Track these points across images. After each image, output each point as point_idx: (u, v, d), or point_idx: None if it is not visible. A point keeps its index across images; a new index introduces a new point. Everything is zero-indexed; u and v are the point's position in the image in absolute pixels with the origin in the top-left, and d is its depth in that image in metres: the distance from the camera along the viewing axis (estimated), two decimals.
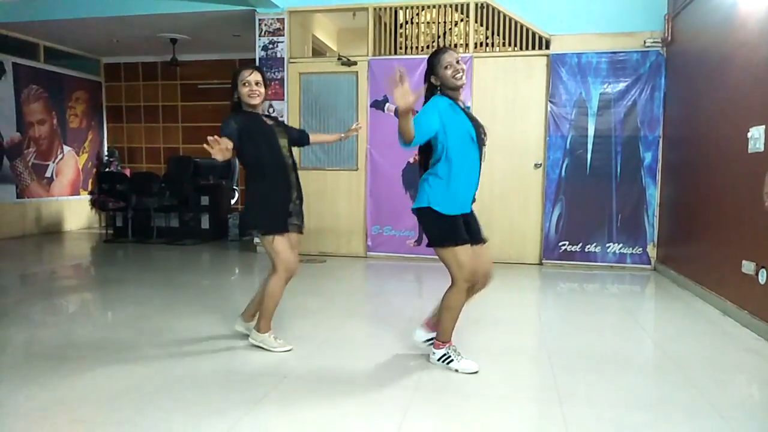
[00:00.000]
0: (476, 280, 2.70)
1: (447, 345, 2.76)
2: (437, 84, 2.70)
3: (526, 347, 3.00)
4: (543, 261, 5.89)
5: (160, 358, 2.91)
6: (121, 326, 3.56)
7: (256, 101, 2.95)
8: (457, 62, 2.66)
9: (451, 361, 2.73)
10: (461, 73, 2.66)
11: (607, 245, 5.73)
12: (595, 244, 5.76)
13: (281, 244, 2.91)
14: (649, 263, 5.66)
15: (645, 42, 5.53)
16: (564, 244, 5.83)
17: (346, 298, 4.51)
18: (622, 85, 5.61)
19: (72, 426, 2.12)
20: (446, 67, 2.64)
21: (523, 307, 4.22)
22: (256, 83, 2.93)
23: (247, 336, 3.12)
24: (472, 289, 2.72)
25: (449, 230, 2.59)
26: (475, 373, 2.69)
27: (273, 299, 2.99)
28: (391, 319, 3.69)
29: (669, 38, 5.37)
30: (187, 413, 2.26)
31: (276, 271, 2.94)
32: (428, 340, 2.89)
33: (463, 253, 2.60)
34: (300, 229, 3.06)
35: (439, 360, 2.77)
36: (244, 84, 2.92)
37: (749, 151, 3.63)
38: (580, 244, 5.80)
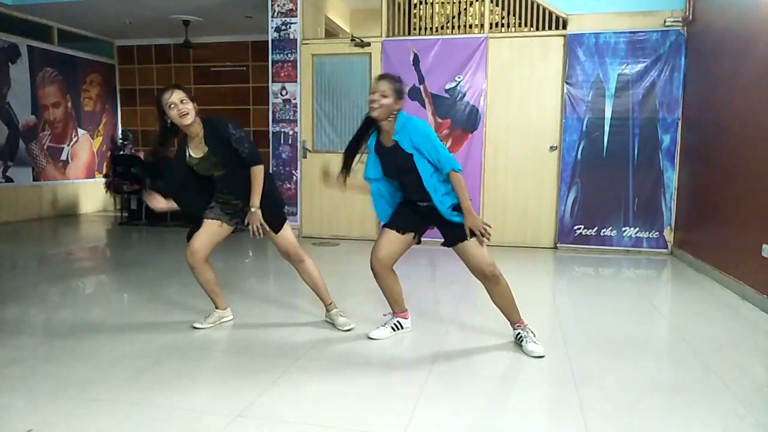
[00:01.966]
0: (374, 265, 2.99)
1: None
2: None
3: (541, 331, 2.98)
4: (558, 245, 5.84)
5: (175, 339, 2.93)
6: (137, 307, 3.59)
7: (188, 120, 2.78)
8: (374, 93, 2.74)
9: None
10: (373, 105, 2.76)
11: (623, 229, 5.67)
12: (610, 228, 5.70)
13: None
14: (666, 247, 5.59)
15: (665, 21, 5.40)
16: (579, 228, 5.77)
17: (360, 281, 4.50)
18: (640, 66, 5.49)
19: (86, 405, 2.15)
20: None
21: (537, 291, 4.19)
22: (182, 101, 2.75)
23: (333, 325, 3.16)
24: (377, 275, 3.02)
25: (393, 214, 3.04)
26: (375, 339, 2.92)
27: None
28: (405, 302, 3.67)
29: (690, 17, 5.23)
30: (202, 393, 2.28)
31: None
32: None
33: (382, 234, 3.03)
34: (224, 220, 3.34)
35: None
36: (170, 107, 2.74)
37: None
38: (596, 228, 5.73)
